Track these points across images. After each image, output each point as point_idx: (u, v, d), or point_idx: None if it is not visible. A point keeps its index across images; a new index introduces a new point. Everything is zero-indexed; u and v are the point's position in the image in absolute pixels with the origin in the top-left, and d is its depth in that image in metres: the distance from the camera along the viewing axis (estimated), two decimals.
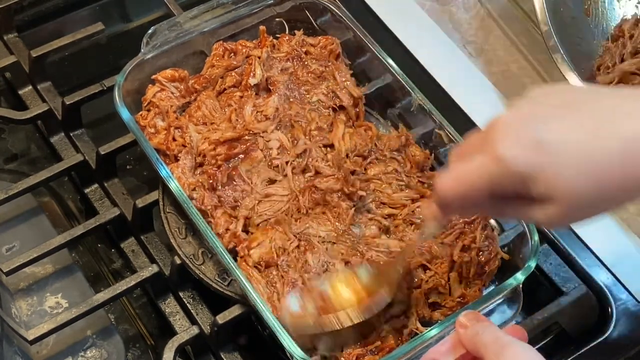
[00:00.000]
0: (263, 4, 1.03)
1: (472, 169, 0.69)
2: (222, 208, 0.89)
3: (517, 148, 0.66)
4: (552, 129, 0.66)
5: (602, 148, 0.65)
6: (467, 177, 0.70)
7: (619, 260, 0.98)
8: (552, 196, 0.67)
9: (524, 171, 0.66)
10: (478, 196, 0.70)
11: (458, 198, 0.71)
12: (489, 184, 0.68)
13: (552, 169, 0.66)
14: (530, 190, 0.67)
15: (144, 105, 0.96)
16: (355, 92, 0.99)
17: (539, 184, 0.67)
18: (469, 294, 0.87)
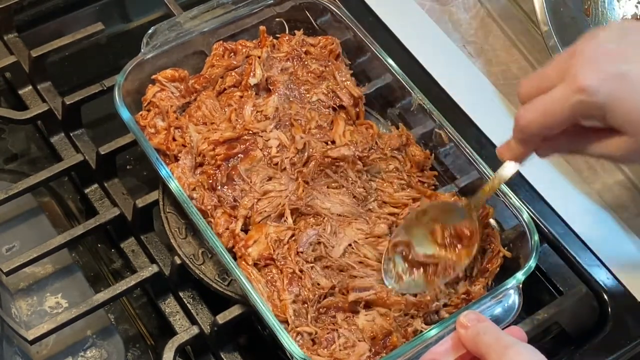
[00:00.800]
0: (263, 4, 1.03)
1: (554, 99, 0.72)
2: (221, 208, 0.89)
3: (600, 79, 0.70)
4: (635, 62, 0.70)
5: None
6: (550, 107, 0.73)
7: (619, 260, 0.98)
8: (628, 128, 0.71)
9: (605, 101, 0.70)
10: (557, 126, 0.73)
11: (541, 129, 0.74)
12: (571, 114, 0.72)
13: (631, 100, 0.70)
14: (608, 120, 0.71)
15: (144, 105, 0.96)
16: (355, 92, 0.99)
17: (617, 115, 0.70)
18: (473, 291, 0.87)
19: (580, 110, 0.72)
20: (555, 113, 0.74)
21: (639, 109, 0.71)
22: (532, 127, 0.76)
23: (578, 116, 0.73)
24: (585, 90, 0.71)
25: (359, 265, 0.87)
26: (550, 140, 0.78)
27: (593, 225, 1.02)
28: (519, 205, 0.89)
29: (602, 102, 0.71)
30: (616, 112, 0.71)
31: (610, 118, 0.72)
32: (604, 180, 1.07)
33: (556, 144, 0.80)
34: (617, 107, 0.71)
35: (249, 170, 0.91)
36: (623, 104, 0.71)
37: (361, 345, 0.81)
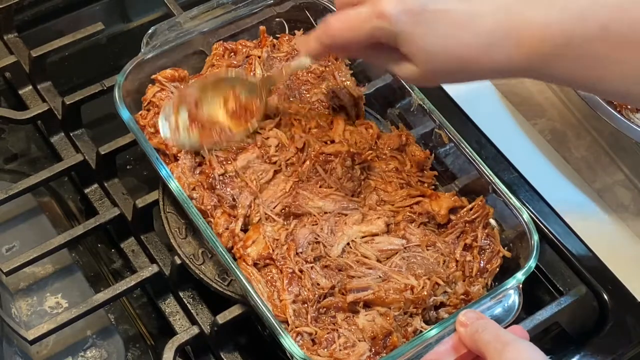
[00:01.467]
0: (263, 4, 1.03)
1: (357, 18, 0.79)
2: (221, 207, 0.89)
3: (400, 9, 0.76)
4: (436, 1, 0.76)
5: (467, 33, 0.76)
6: (352, 24, 0.79)
7: (618, 260, 0.98)
8: (415, 60, 0.78)
9: (399, 31, 0.76)
10: (357, 42, 0.80)
11: (344, 41, 0.81)
12: (368, 34, 0.78)
13: (417, 37, 0.76)
14: (400, 48, 0.78)
15: (144, 105, 0.96)
16: (355, 92, 0.99)
17: (405, 46, 0.77)
18: (472, 291, 0.87)
19: (377, 33, 0.78)
20: (356, 30, 0.79)
21: (424, 44, 0.76)
22: (336, 37, 0.81)
23: (375, 37, 0.78)
24: (384, 16, 0.76)
25: (356, 265, 0.87)
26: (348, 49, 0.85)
27: (593, 225, 1.02)
28: (519, 205, 0.89)
29: (396, 31, 0.76)
30: (406, 43, 0.77)
31: (400, 46, 0.78)
32: (604, 180, 1.07)
33: (353, 53, 0.87)
34: (409, 40, 0.77)
35: (245, 167, 0.91)
36: (413, 36, 0.76)
37: (361, 345, 0.81)
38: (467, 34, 0.76)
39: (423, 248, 0.89)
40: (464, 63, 0.77)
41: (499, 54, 0.76)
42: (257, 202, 0.89)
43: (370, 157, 0.94)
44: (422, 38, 0.77)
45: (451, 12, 0.76)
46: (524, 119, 1.11)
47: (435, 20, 0.76)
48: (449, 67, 0.78)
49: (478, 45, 0.76)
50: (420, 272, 0.87)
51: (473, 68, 0.78)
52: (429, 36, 0.77)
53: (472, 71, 0.79)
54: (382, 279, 0.86)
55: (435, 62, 0.78)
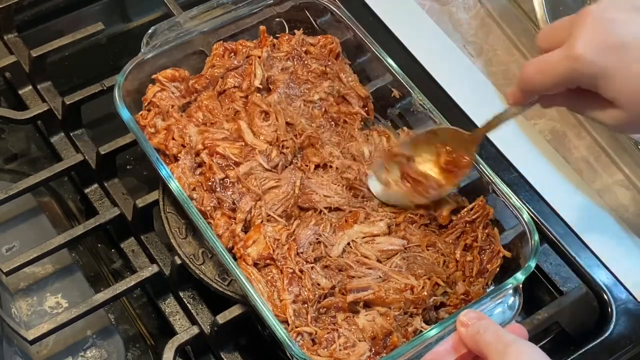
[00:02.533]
0: (263, 3, 1.03)
1: (551, 62, 0.73)
2: (221, 209, 0.89)
3: (595, 48, 0.70)
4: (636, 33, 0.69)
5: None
6: (547, 69, 0.74)
7: (619, 260, 0.99)
8: (619, 101, 0.71)
9: (595, 73, 0.70)
10: (555, 88, 0.76)
11: (537, 86, 0.76)
12: (565, 79, 0.73)
13: (620, 76, 0.69)
14: (600, 91, 0.71)
15: (145, 105, 0.96)
16: (362, 92, 0.99)
17: (609, 87, 0.70)
18: (472, 291, 0.87)
19: (573, 77, 0.73)
20: (549, 74, 0.75)
21: (629, 84, 0.70)
22: (530, 82, 0.78)
23: (570, 82, 0.74)
24: (579, 59, 0.71)
25: (356, 265, 0.87)
26: (549, 95, 0.79)
27: (593, 225, 1.02)
28: (519, 205, 0.89)
29: (594, 73, 0.71)
30: (608, 85, 0.71)
31: (601, 89, 0.72)
32: (604, 180, 1.07)
33: (557, 100, 0.81)
34: (609, 81, 0.71)
35: (247, 174, 0.91)
36: (615, 78, 0.70)
37: (361, 345, 0.81)
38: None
39: (423, 248, 0.89)
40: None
41: None
42: (260, 204, 0.89)
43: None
44: (626, 78, 0.70)
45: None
46: (524, 119, 1.11)
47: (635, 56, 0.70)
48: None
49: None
50: (420, 272, 0.87)
51: None
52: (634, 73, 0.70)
53: None
54: (382, 279, 0.86)
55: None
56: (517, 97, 0.81)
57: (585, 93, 0.75)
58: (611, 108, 0.73)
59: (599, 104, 0.74)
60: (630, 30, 0.69)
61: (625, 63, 0.69)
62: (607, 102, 0.73)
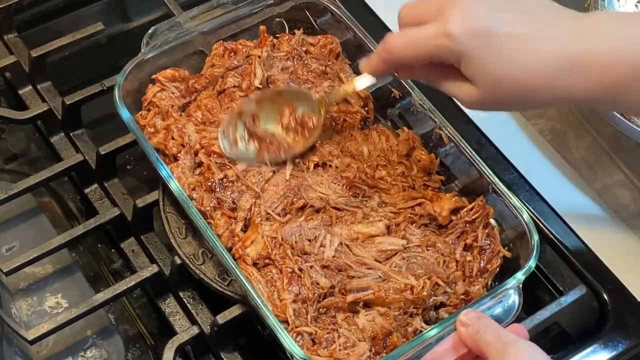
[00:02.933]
0: (263, 3, 1.03)
1: (422, 36, 0.79)
2: (221, 209, 0.89)
3: (467, 29, 0.76)
4: (503, 24, 0.76)
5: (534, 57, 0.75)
6: (417, 42, 0.79)
7: (618, 260, 0.98)
8: (477, 81, 0.77)
9: (464, 51, 0.76)
10: (420, 60, 0.80)
11: (404, 58, 0.81)
12: (432, 53, 0.79)
13: (483, 59, 0.76)
14: (462, 69, 0.77)
15: (144, 105, 0.96)
16: (362, 92, 0.99)
17: (469, 68, 0.77)
18: (472, 291, 0.87)
19: (440, 52, 0.78)
20: (419, 47, 0.79)
21: (489, 68, 0.76)
22: (397, 53, 0.81)
23: (437, 56, 0.78)
24: (450, 36, 0.76)
25: (356, 265, 0.87)
26: (410, 68, 0.84)
27: (593, 225, 1.02)
28: (519, 205, 0.89)
29: (460, 51, 0.76)
30: (470, 64, 0.77)
31: (463, 68, 0.77)
32: (604, 180, 1.07)
33: (415, 72, 0.85)
34: (472, 60, 0.76)
35: (245, 170, 0.91)
36: (478, 58, 0.76)
37: (361, 345, 0.81)
38: (533, 59, 0.75)
39: (423, 248, 0.89)
40: (528, 90, 0.77)
41: (566, 81, 0.76)
42: (259, 202, 0.89)
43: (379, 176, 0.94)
44: (487, 61, 0.76)
45: (518, 35, 0.76)
46: (524, 119, 1.11)
47: (501, 43, 0.76)
48: (512, 93, 0.77)
49: (544, 71, 0.75)
50: (420, 272, 0.87)
51: (536, 96, 0.77)
52: (495, 59, 0.76)
53: (535, 99, 0.78)
54: (382, 279, 0.86)
55: (498, 87, 0.77)
56: (376, 66, 0.85)
57: (445, 69, 0.80)
58: (468, 85, 0.79)
59: (456, 80, 0.80)
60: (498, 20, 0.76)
61: (488, 48, 0.76)
62: (465, 79, 0.78)
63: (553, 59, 0.75)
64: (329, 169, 0.93)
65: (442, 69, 0.80)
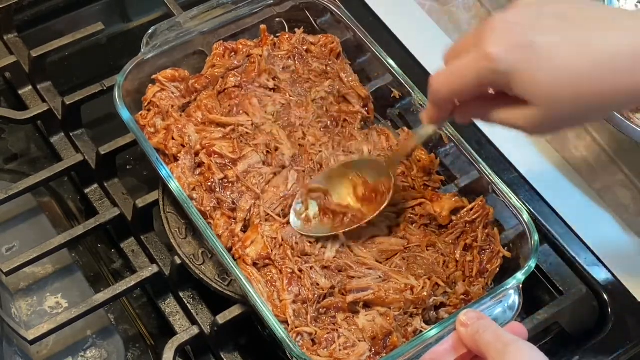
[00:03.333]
0: (263, 3, 1.03)
1: (462, 64, 0.74)
2: (221, 210, 0.89)
3: (505, 47, 0.71)
4: (543, 33, 0.71)
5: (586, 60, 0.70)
6: (458, 71, 0.75)
7: (619, 260, 0.99)
8: (531, 99, 0.72)
9: (510, 70, 0.71)
10: (467, 91, 0.75)
11: (450, 93, 0.77)
12: (477, 79, 0.74)
13: (533, 71, 0.71)
14: (513, 89, 0.72)
15: (144, 105, 0.96)
16: (362, 92, 0.99)
17: (521, 84, 0.71)
18: (472, 291, 0.87)
19: (485, 76, 0.73)
20: (462, 78, 0.75)
21: (543, 80, 0.71)
22: (442, 91, 0.77)
23: (484, 83, 0.74)
24: (491, 57, 0.72)
25: (356, 265, 0.87)
26: (463, 106, 0.79)
27: (593, 225, 1.02)
28: (519, 205, 0.89)
29: (506, 70, 0.72)
30: (520, 82, 0.72)
31: (514, 87, 0.73)
32: (604, 180, 1.07)
33: (469, 110, 0.81)
34: (521, 77, 0.72)
35: (246, 172, 0.91)
36: (527, 73, 0.71)
37: (361, 346, 0.81)
38: (586, 61, 0.71)
39: (423, 248, 0.89)
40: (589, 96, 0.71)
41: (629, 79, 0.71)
42: (258, 203, 0.89)
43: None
44: (537, 74, 0.71)
45: (564, 41, 0.71)
46: None
47: (548, 52, 0.71)
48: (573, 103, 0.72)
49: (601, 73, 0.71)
50: (420, 273, 0.87)
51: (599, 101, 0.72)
52: (544, 70, 0.71)
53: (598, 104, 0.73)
54: (382, 279, 0.86)
55: (557, 100, 0.72)
56: (431, 114, 0.81)
57: (498, 98, 0.76)
58: (526, 109, 0.74)
59: (513, 107, 0.75)
60: (537, 31, 0.72)
61: (536, 60, 0.71)
62: (522, 103, 0.74)
63: (608, 58, 0.71)
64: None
65: (495, 99, 0.76)
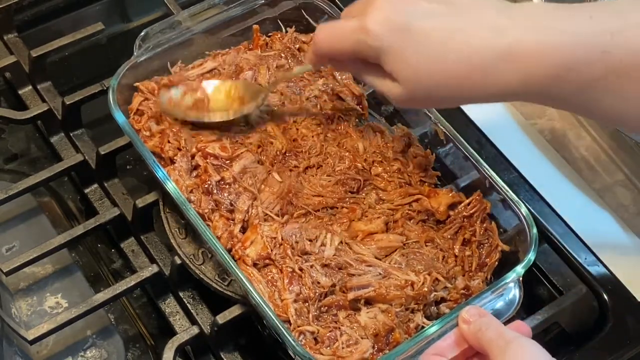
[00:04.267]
0: (259, 3, 1.03)
1: (343, 30, 0.79)
2: (219, 211, 0.89)
3: (383, 25, 0.75)
4: (422, 17, 0.75)
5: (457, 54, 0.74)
6: (337, 35, 0.80)
7: (618, 260, 0.98)
8: (398, 77, 0.76)
9: (380, 47, 0.76)
10: (343, 54, 0.80)
11: (328, 50, 0.82)
12: (352, 47, 0.78)
13: (402, 54, 0.75)
14: (383, 65, 0.77)
15: (131, 115, 0.95)
16: (356, 90, 0.99)
17: (388, 64, 0.76)
18: (472, 286, 0.87)
19: (360, 47, 0.77)
20: (340, 42, 0.79)
21: (410, 64, 0.75)
22: (322, 47, 0.82)
23: (358, 52, 0.78)
24: (369, 32, 0.76)
25: (356, 262, 0.87)
26: (340, 60, 0.83)
27: (593, 225, 1.02)
28: (517, 199, 0.89)
29: (379, 47, 0.76)
30: (390, 60, 0.76)
31: (384, 63, 0.77)
32: (604, 180, 1.07)
33: (343, 65, 0.86)
34: (392, 57, 0.76)
35: (242, 172, 0.91)
36: (397, 55, 0.75)
37: (364, 343, 0.81)
38: (456, 53, 0.74)
39: (422, 244, 0.89)
40: (453, 86, 0.76)
41: (496, 77, 0.74)
42: (256, 204, 0.89)
43: (375, 173, 0.94)
44: (406, 57, 0.75)
45: (439, 28, 0.75)
46: (524, 119, 1.11)
47: (420, 38, 0.75)
48: (437, 91, 0.76)
49: (469, 66, 0.74)
50: (420, 268, 0.87)
51: (465, 92, 0.76)
52: (414, 55, 0.75)
53: (464, 95, 0.77)
54: (383, 275, 0.86)
55: (420, 83, 0.76)
56: (311, 58, 0.86)
57: (372, 64, 0.79)
58: (392, 82, 0.78)
59: (382, 77, 0.79)
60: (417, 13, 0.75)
61: (406, 43, 0.75)
62: (390, 76, 0.78)
63: (478, 52, 0.73)
64: (322, 167, 0.93)
65: (369, 65, 0.80)
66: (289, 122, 0.96)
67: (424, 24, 0.75)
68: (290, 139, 0.94)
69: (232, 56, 1.00)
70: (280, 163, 0.93)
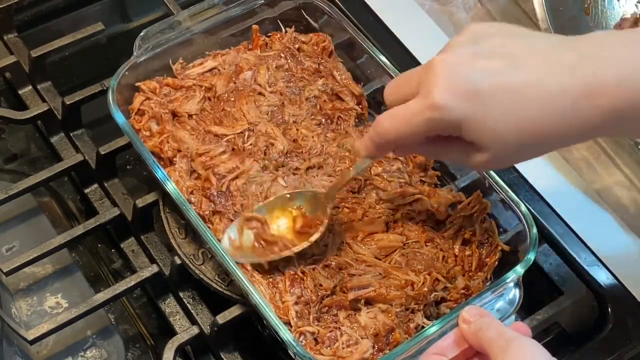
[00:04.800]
0: (258, 3, 1.03)
1: (408, 112, 0.74)
2: (219, 214, 0.89)
3: (452, 95, 0.71)
4: (486, 76, 0.71)
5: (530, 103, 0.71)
6: (405, 120, 0.74)
7: (619, 260, 0.98)
8: (483, 144, 0.73)
9: (457, 119, 0.72)
10: (415, 138, 0.76)
11: (396, 138, 0.76)
12: (426, 128, 0.74)
13: (486, 120, 0.71)
14: (464, 136, 0.73)
15: (132, 115, 0.95)
16: (356, 90, 0.99)
17: (471, 133, 0.72)
18: (472, 285, 0.87)
19: (435, 125, 0.73)
20: (410, 126, 0.74)
21: (492, 126, 0.72)
22: (389, 136, 0.77)
23: (433, 131, 0.74)
24: (439, 106, 0.71)
25: (356, 263, 0.87)
26: (406, 145, 0.79)
27: (593, 225, 1.02)
28: (516, 199, 0.89)
29: (456, 119, 0.72)
30: (472, 130, 0.72)
31: (465, 134, 0.73)
32: (604, 180, 1.07)
33: (412, 149, 0.82)
34: (473, 125, 0.72)
35: (245, 184, 0.91)
36: (479, 123, 0.72)
37: (364, 343, 0.81)
38: (536, 105, 0.71)
39: (422, 244, 0.89)
40: (538, 137, 0.72)
41: (576, 118, 0.71)
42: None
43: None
44: (485, 120, 0.71)
45: (508, 85, 0.71)
46: None
47: (493, 97, 0.71)
48: (525, 147, 0.73)
49: (548, 114, 0.71)
50: (420, 268, 0.87)
51: (549, 139, 0.73)
52: (492, 116, 0.71)
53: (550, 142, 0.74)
54: (383, 275, 0.86)
55: (506, 144, 0.73)
56: (371, 150, 0.80)
57: (444, 138, 0.76)
58: (474, 150, 0.74)
59: (460, 148, 0.75)
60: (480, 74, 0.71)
61: (483, 107, 0.71)
62: (469, 145, 0.74)
63: (559, 97, 0.71)
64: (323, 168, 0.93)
65: (442, 141, 0.76)
66: (289, 122, 0.96)
67: (493, 82, 0.71)
68: (291, 140, 0.94)
69: (231, 56, 1.00)
70: (283, 166, 0.92)
